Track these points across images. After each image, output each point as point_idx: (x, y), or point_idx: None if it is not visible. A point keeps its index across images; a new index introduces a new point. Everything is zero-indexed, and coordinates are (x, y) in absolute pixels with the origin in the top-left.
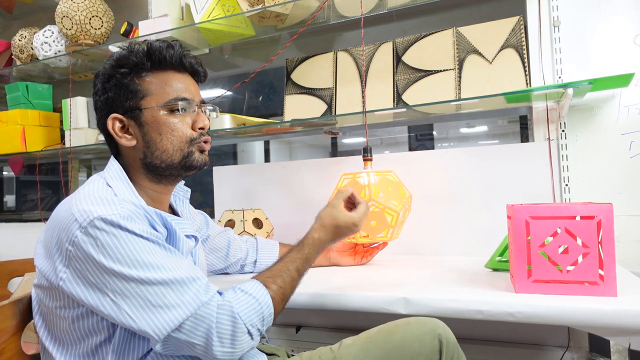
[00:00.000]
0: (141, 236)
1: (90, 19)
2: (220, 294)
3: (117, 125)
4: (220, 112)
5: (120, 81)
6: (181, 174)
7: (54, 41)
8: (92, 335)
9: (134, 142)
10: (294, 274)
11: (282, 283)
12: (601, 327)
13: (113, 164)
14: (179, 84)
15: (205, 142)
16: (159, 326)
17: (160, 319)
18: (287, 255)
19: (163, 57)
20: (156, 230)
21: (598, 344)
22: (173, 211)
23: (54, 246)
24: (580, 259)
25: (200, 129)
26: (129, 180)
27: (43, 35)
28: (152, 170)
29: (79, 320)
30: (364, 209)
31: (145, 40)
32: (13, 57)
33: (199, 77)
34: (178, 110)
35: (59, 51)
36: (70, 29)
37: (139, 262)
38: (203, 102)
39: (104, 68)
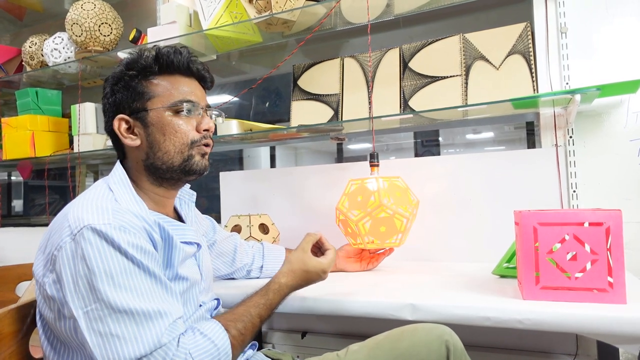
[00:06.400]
0: (125, 253)
1: (99, 26)
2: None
3: (123, 125)
4: (227, 117)
5: (128, 83)
6: (181, 177)
7: (63, 48)
8: None
9: (137, 143)
10: (256, 320)
11: (243, 329)
12: (610, 334)
13: (117, 169)
14: (185, 87)
15: (206, 145)
16: (109, 356)
17: (113, 349)
18: (251, 298)
19: (171, 61)
20: (153, 240)
21: (607, 352)
22: (178, 215)
23: (47, 250)
24: (588, 265)
25: (204, 130)
26: (131, 186)
27: (53, 42)
28: (153, 172)
29: (75, 330)
30: (332, 256)
31: (154, 46)
32: (23, 63)
33: (206, 82)
34: (183, 111)
35: (69, 58)
36: (79, 36)
37: (113, 279)
38: (209, 106)
39: (113, 72)
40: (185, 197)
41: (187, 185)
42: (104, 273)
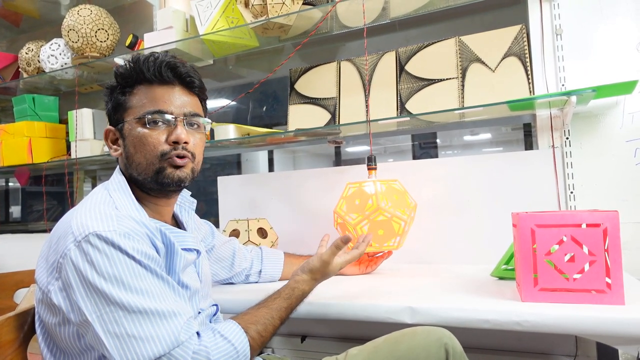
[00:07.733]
0: (133, 258)
1: (96, 32)
2: (198, 334)
3: (111, 136)
4: (225, 122)
5: (112, 95)
6: (161, 189)
7: (60, 54)
8: (93, 349)
9: (118, 153)
10: (277, 322)
11: (264, 332)
12: (609, 335)
13: (117, 175)
14: (159, 97)
15: (178, 156)
16: (129, 357)
17: (132, 350)
18: (275, 301)
19: (140, 70)
20: (155, 246)
21: (606, 353)
22: (177, 222)
23: (50, 258)
24: (586, 267)
25: (174, 142)
26: (130, 192)
27: (50, 48)
28: (135, 182)
29: (78, 336)
30: (350, 257)
31: (137, 54)
32: (20, 69)
33: (192, 87)
34: (147, 123)
35: (65, 64)
36: (76, 42)
37: (124, 283)
38: (193, 114)
39: (108, 82)
40: (186, 204)
41: (188, 193)
42: (114, 277)
